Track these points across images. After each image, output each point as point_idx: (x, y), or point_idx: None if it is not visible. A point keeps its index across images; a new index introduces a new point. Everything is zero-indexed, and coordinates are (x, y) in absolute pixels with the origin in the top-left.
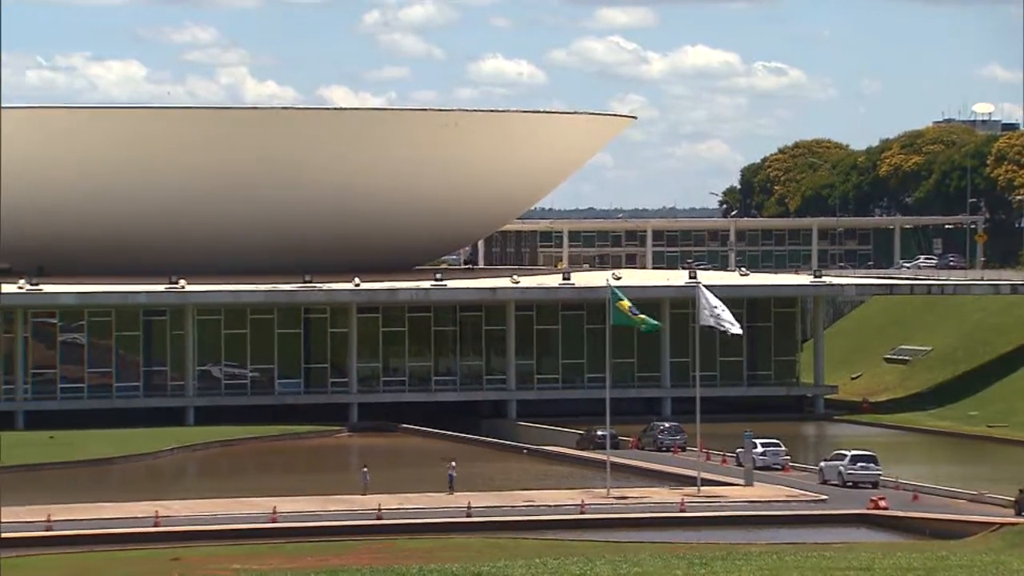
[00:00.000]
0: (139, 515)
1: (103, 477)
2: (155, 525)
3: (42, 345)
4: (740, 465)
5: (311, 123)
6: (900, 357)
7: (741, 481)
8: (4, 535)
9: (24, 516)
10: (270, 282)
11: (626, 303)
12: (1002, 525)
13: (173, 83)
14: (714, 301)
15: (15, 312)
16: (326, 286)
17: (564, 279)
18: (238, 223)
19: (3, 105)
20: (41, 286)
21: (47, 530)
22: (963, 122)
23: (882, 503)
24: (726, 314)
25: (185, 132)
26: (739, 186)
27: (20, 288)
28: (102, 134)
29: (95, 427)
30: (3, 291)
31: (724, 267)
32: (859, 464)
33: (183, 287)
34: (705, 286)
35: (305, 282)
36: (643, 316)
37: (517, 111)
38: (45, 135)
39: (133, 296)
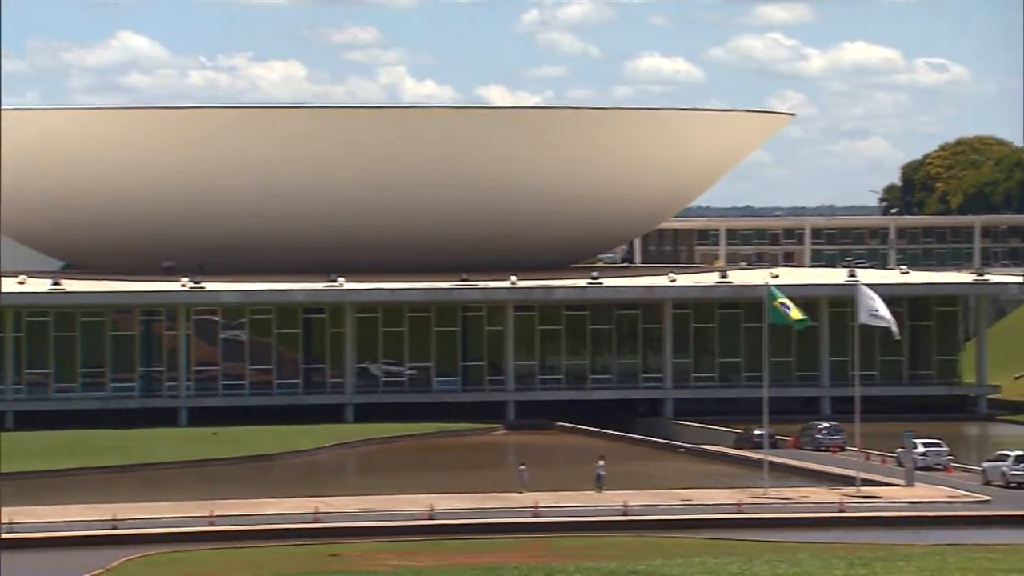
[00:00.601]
0: (299, 511)
1: (264, 473)
2: (315, 521)
3: (204, 342)
4: (900, 465)
5: (469, 122)
6: None
7: (902, 481)
8: (169, 530)
9: (187, 511)
10: (427, 280)
11: (779, 299)
12: None
13: (333, 83)
14: (876, 301)
15: (178, 310)
16: (483, 284)
17: (721, 277)
18: (396, 222)
19: (162, 105)
20: (203, 284)
21: (210, 525)
22: None
23: None
24: (886, 313)
25: (344, 132)
26: (899, 183)
27: (183, 286)
28: (263, 134)
29: (256, 423)
30: (167, 289)
31: (884, 265)
32: (1023, 465)
33: (342, 285)
34: (865, 284)
35: (462, 280)
36: (795, 314)
37: (674, 109)
38: (207, 135)
39: (293, 294)
